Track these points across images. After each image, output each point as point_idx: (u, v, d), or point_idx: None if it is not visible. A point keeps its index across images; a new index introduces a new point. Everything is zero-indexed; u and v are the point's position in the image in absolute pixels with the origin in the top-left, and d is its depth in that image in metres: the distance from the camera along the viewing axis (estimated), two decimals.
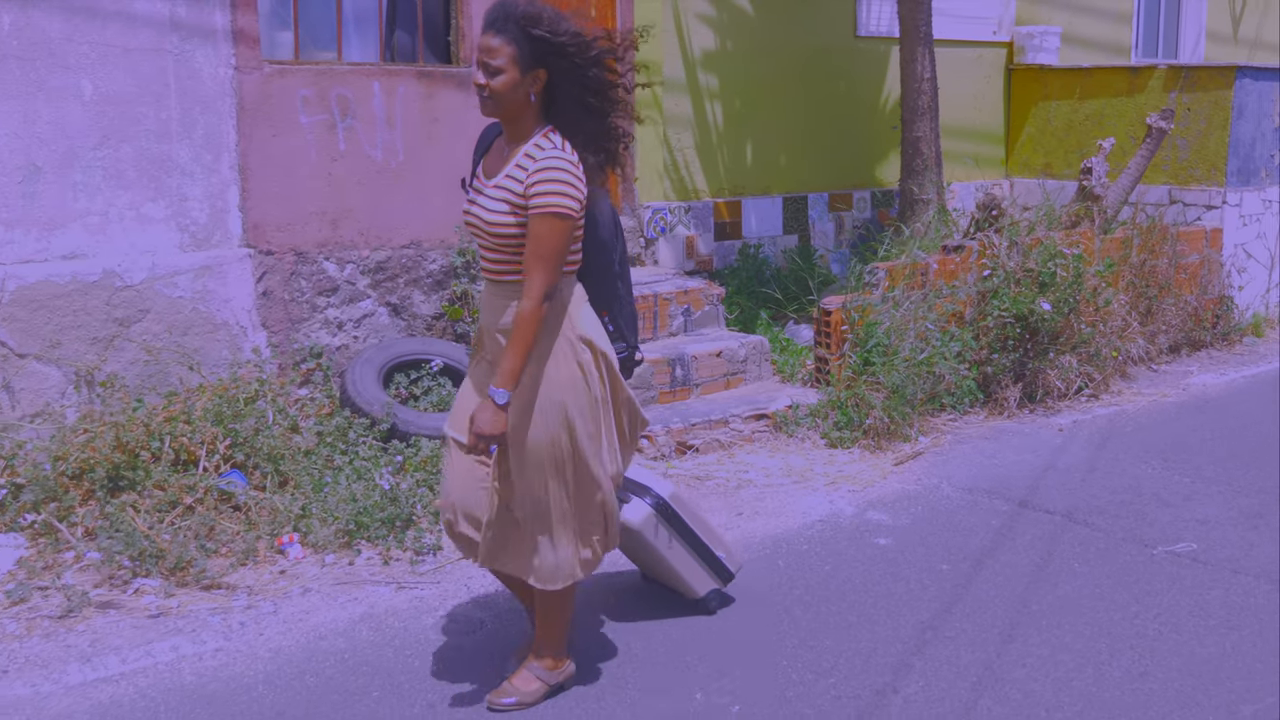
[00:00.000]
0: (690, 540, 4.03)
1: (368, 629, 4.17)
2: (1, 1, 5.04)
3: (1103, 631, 4.14)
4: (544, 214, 3.10)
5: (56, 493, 4.80)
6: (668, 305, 6.57)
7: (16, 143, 5.16)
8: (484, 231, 3.22)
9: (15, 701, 3.69)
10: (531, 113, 3.20)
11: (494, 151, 3.33)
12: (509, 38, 3.08)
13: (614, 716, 3.58)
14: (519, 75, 3.11)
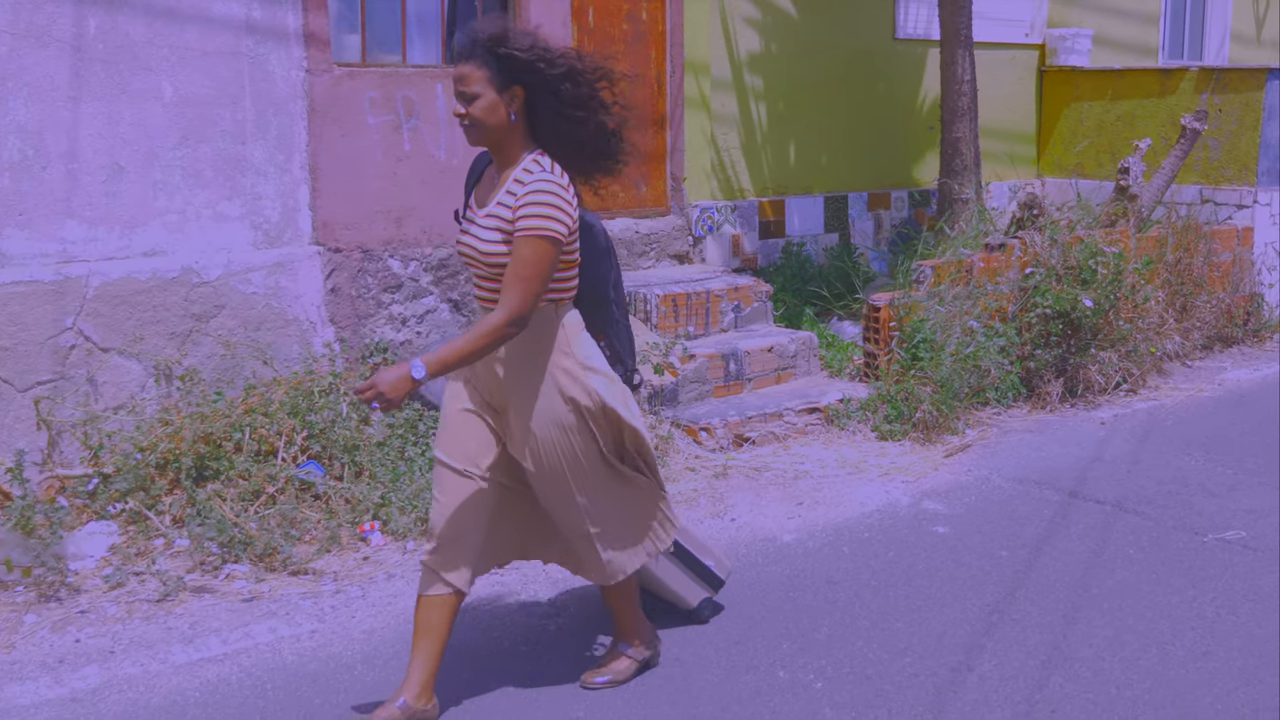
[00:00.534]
0: (678, 552, 4.01)
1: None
2: (88, 5, 5.21)
3: (1163, 614, 4.30)
4: (529, 236, 3.09)
5: (144, 482, 4.97)
6: (719, 302, 6.74)
7: (101, 143, 5.33)
8: (479, 262, 3.22)
9: (127, 679, 3.87)
10: (517, 135, 3.21)
11: (485, 181, 3.35)
12: (479, 62, 3.11)
13: (702, 693, 3.75)
14: (496, 96, 3.12)
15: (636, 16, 7.12)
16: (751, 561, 4.79)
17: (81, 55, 5.24)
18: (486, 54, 3.10)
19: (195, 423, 5.12)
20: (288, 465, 5.13)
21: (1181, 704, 3.66)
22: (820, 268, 7.95)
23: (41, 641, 4.14)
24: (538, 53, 3.14)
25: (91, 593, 4.50)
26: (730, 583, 4.36)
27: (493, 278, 3.19)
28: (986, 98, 8.54)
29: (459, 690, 3.70)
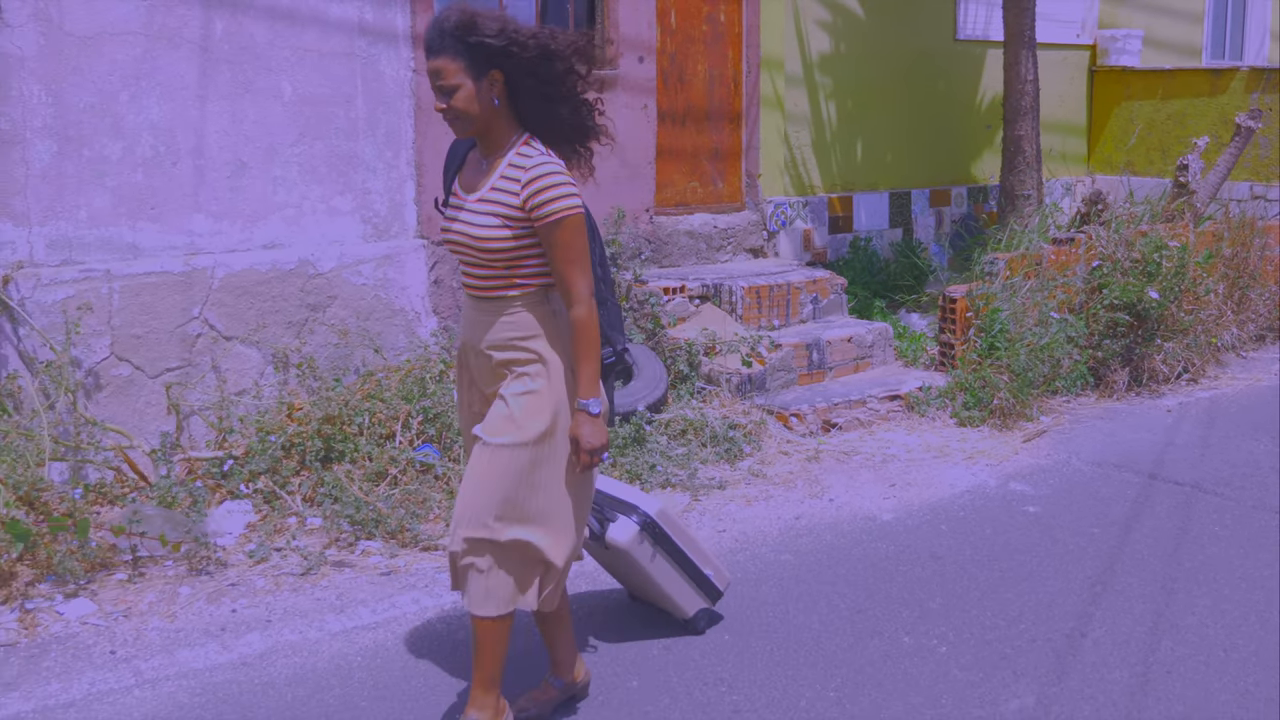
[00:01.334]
0: (678, 559, 3.93)
1: (583, 584, 4.57)
2: (215, 9, 5.47)
3: (1256, 585, 4.54)
4: (559, 220, 3.03)
5: (275, 463, 5.23)
6: (799, 294, 6.98)
7: (226, 140, 5.59)
8: (471, 248, 3.12)
9: (289, 645, 4.11)
10: (502, 119, 3.12)
11: (470, 166, 3.25)
12: (450, 54, 3.03)
13: (836, 656, 3.99)
14: (474, 85, 3.04)
15: (715, 18, 7.37)
16: (855, 539, 5.03)
17: (209, 56, 5.49)
18: (457, 44, 3.02)
19: (318, 407, 5.37)
20: (406, 448, 5.38)
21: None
22: (886, 262, 8.19)
23: (200, 611, 4.38)
24: (509, 36, 3.04)
25: (238, 567, 4.75)
26: (839, 556, 4.60)
27: (486, 264, 3.13)
28: (1041, 97, 8.76)
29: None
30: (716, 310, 6.72)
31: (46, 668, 3.94)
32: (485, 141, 3.15)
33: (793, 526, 5.15)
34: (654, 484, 5.50)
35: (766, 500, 5.45)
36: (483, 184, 3.12)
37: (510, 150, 3.11)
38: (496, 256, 3.09)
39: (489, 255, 3.09)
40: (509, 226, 3.06)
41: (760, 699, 3.72)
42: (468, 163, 3.25)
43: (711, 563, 4.04)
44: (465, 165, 3.26)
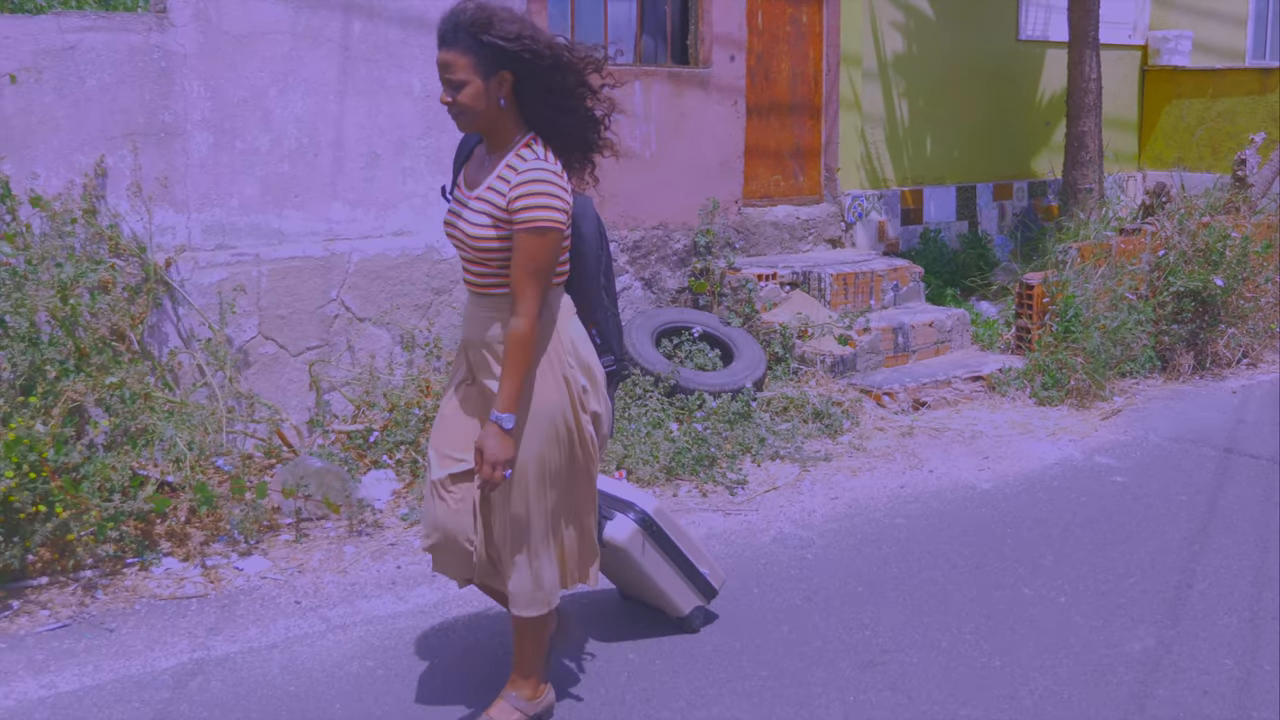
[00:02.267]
0: (675, 556, 3.90)
1: (719, 545, 4.94)
2: (355, 9, 5.85)
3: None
4: (531, 228, 2.96)
5: (416, 434, 5.60)
6: (880, 281, 7.35)
7: (361, 133, 5.96)
8: (466, 245, 3.08)
9: (460, 597, 4.44)
10: (508, 119, 3.06)
11: (475, 160, 3.20)
12: (462, 48, 2.97)
13: (964, 606, 4.36)
14: (482, 83, 2.98)
15: (798, 19, 7.74)
16: (960, 505, 5.40)
17: (348, 54, 5.87)
18: (470, 39, 2.96)
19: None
20: None
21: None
22: (954, 252, 8.56)
23: (368, 568, 4.76)
24: (524, 43, 2.98)
25: (393, 529, 5.12)
26: (948, 521, 4.96)
27: (480, 261, 3.08)
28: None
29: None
30: (806, 296, 7.09)
31: (240, 616, 4.32)
32: (490, 139, 3.11)
33: (899, 494, 5.52)
34: (764, 456, 5.87)
35: (870, 471, 5.81)
36: (482, 181, 3.08)
37: (511, 151, 3.05)
38: (487, 255, 3.04)
39: (481, 254, 3.05)
40: (498, 227, 3.01)
41: (904, 640, 4.09)
42: (474, 156, 3.20)
43: (707, 561, 3.98)
44: (472, 159, 3.21)
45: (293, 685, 3.77)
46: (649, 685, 3.72)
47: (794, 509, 5.33)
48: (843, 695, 3.73)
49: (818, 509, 5.33)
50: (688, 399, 6.12)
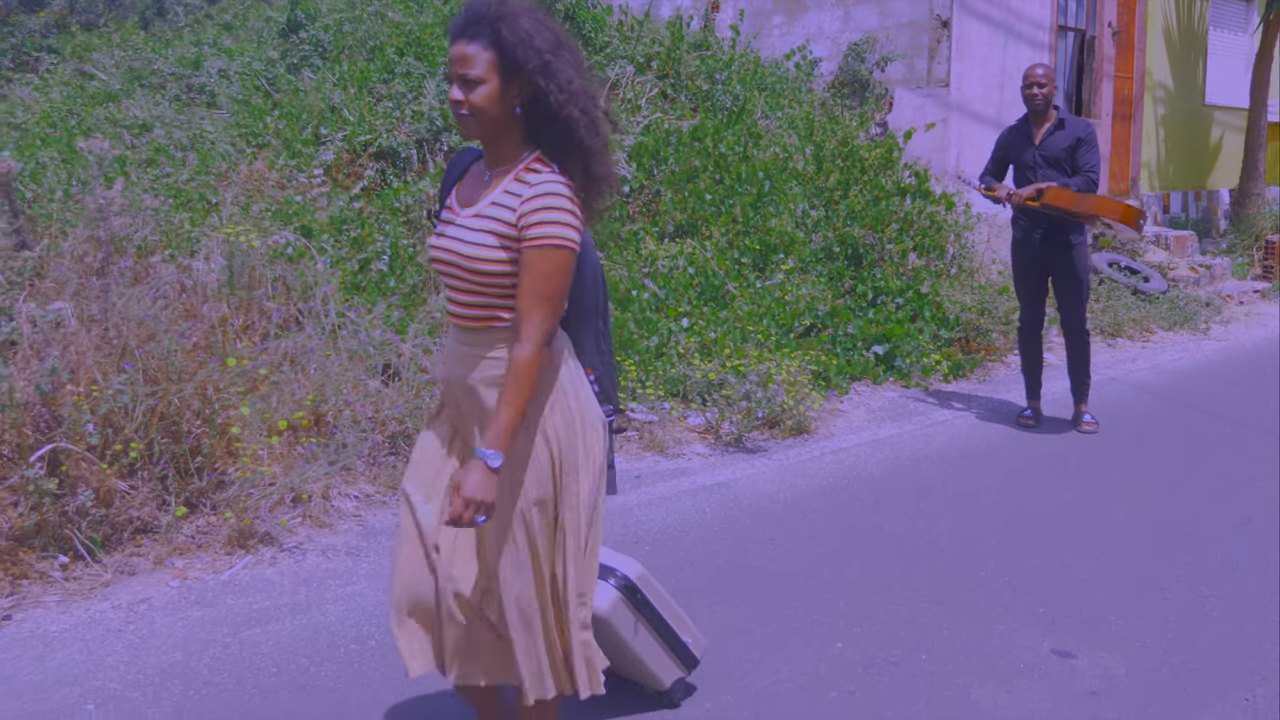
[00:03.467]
0: (658, 625, 3.53)
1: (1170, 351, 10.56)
2: None
3: None
4: (545, 246, 2.60)
5: None
6: (1184, 242, 13.13)
7: None
8: (461, 268, 2.69)
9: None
10: (516, 131, 2.71)
11: (471, 178, 2.83)
12: (486, 42, 2.61)
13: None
14: (501, 85, 2.64)
15: (1124, 104, 13.50)
16: (1277, 340, 11.11)
17: None
18: (495, 35, 2.61)
19: None
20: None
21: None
22: (1194, 222, 14.45)
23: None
24: (554, 44, 2.66)
25: None
26: (1263, 340, 10.65)
27: (476, 289, 2.70)
28: (1230, 139, 15.09)
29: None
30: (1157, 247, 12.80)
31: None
32: (493, 151, 2.75)
33: (1266, 339, 11.15)
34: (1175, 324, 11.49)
35: (1239, 328, 11.53)
36: (482, 198, 2.73)
37: (519, 165, 2.72)
38: (489, 281, 2.68)
39: (480, 279, 2.68)
40: (506, 249, 2.65)
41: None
42: (469, 175, 2.85)
43: (689, 628, 3.66)
44: (466, 177, 2.86)
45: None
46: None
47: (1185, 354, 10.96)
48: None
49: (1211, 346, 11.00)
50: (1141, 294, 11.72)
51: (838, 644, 4.23)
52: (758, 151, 9.27)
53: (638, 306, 7.33)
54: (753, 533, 5.38)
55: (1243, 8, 16.02)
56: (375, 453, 5.67)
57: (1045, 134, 7.07)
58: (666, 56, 10.94)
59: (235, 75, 9.86)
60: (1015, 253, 7.32)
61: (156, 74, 10.06)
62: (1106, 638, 4.29)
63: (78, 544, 4.60)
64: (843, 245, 8.86)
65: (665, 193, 8.61)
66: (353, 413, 5.45)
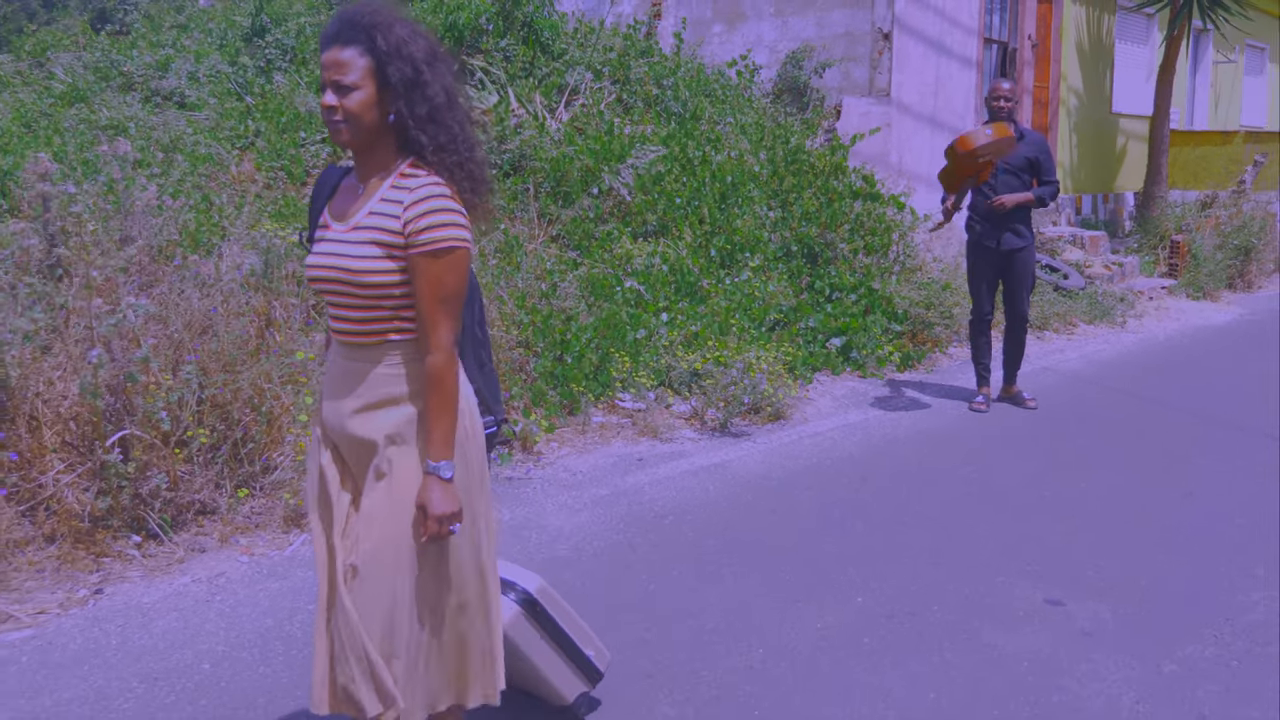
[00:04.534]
0: (560, 639, 3.45)
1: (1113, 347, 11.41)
2: None
3: None
4: (438, 249, 2.54)
5: None
6: (1098, 241, 14.00)
7: None
8: (347, 283, 2.60)
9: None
10: (390, 139, 2.65)
11: (343, 193, 2.74)
12: (361, 49, 2.57)
13: (1225, 361, 11.03)
14: (376, 91, 2.59)
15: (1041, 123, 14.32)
16: (1211, 327, 12.00)
17: None
18: (370, 41, 2.58)
19: None
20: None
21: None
22: (1102, 224, 15.34)
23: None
24: (424, 54, 2.64)
25: None
26: (1209, 333, 11.60)
27: (364, 304, 2.61)
28: (1134, 145, 16.10)
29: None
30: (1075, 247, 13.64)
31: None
32: (365, 160, 2.68)
33: (1174, 334, 12.05)
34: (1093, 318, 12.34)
35: (1141, 321, 12.41)
36: (358, 210, 2.65)
37: (394, 173, 2.65)
38: (377, 294, 2.59)
39: (368, 293, 2.59)
40: (394, 258, 2.57)
41: (1218, 354, 10.66)
42: (340, 191, 2.77)
43: (593, 641, 3.57)
44: (338, 193, 2.77)
45: None
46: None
47: (1107, 345, 11.82)
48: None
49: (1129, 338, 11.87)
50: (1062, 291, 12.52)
51: (858, 599, 4.75)
52: (716, 155, 9.78)
53: (622, 301, 7.79)
54: (755, 507, 5.88)
55: (1144, 22, 17.05)
56: None
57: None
58: (618, 63, 11.41)
59: (204, 78, 10.07)
60: (973, 254, 7.94)
61: (123, 75, 10.22)
62: (1090, 588, 4.88)
63: (152, 524, 4.91)
64: (800, 245, 9.43)
65: (636, 195, 9.07)
66: None
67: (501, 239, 8.01)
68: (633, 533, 5.46)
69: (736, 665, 4.13)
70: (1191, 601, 4.77)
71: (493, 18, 10.87)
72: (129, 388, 4.83)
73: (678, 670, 4.07)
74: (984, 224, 7.83)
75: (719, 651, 4.22)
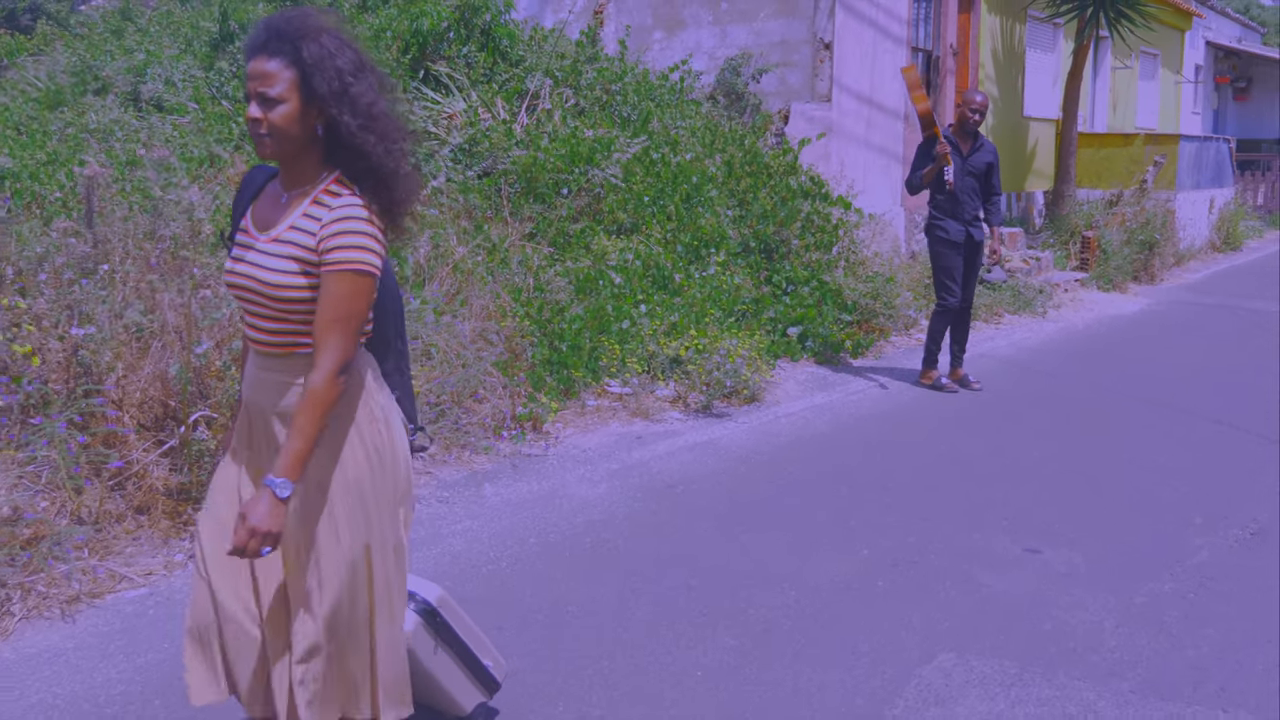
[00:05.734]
0: (459, 650, 3.43)
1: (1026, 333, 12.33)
2: None
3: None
4: (344, 271, 2.55)
5: None
6: (1015, 238, 14.95)
7: None
8: (261, 295, 2.63)
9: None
10: (315, 152, 2.65)
11: (267, 199, 2.74)
12: (287, 61, 2.55)
13: (1144, 344, 12.01)
14: (302, 105, 2.57)
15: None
16: (1122, 318, 12.99)
17: None
18: (296, 53, 2.55)
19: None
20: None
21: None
22: (1019, 222, 16.32)
23: None
24: (352, 66, 2.61)
25: None
26: (1125, 321, 12.62)
27: (279, 316, 2.63)
28: (1043, 146, 17.15)
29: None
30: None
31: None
32: (290, 171, 2.68)
33: (1091, 322, 13.03)
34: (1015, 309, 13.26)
35: (1069, 311, 13.37)
36: (280, 222, 2.66)
37: (318, 187, 2.66)
38: (291, 308, 2.61)
39: (283, 306, 2.62)
40: (308, 274, 2.59)
41: (1134, 340, 11.64)
42: (264, 195, 2.76)
43: (490, 652, 3.56)
44: (261, 197, 2.77)
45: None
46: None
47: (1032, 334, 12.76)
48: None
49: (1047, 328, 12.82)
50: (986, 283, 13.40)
51: (863, 551, 5.42)
52: (674, 156, 10.41)
53: (606, 294, 8.38)
54: (750, 478, 6.52)
55: (1052, 31, 18.12)
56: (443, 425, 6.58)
57: (971, 150, 8.53)
58: (570, 69, 11.96)
59: (180, 82, 10.41)
60: (944, 249, 8.71)
61: (101, 80, 10.50)
62: (1061, 539, 5.62)
63: None
64: (757, 241, 10.11)
65: (606, 194, 9.66)
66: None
67: (482, 238, 8.51)
68: (650, 500, 6.06)
69: (776, 604, 4.77)
70: (1148, 548, 5.54)
71: (454, 25, 11.35)
72: (206, 372, 5.29)
73: (728, 608, 4.70)
74: (950, 220, 8.58)
75: (758, 594, 4.85)
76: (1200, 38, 27.73)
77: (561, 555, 5.26)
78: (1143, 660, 4.33)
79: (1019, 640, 4.48)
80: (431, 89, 11.09)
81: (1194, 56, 27.22)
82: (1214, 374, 9.82)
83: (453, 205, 8.92)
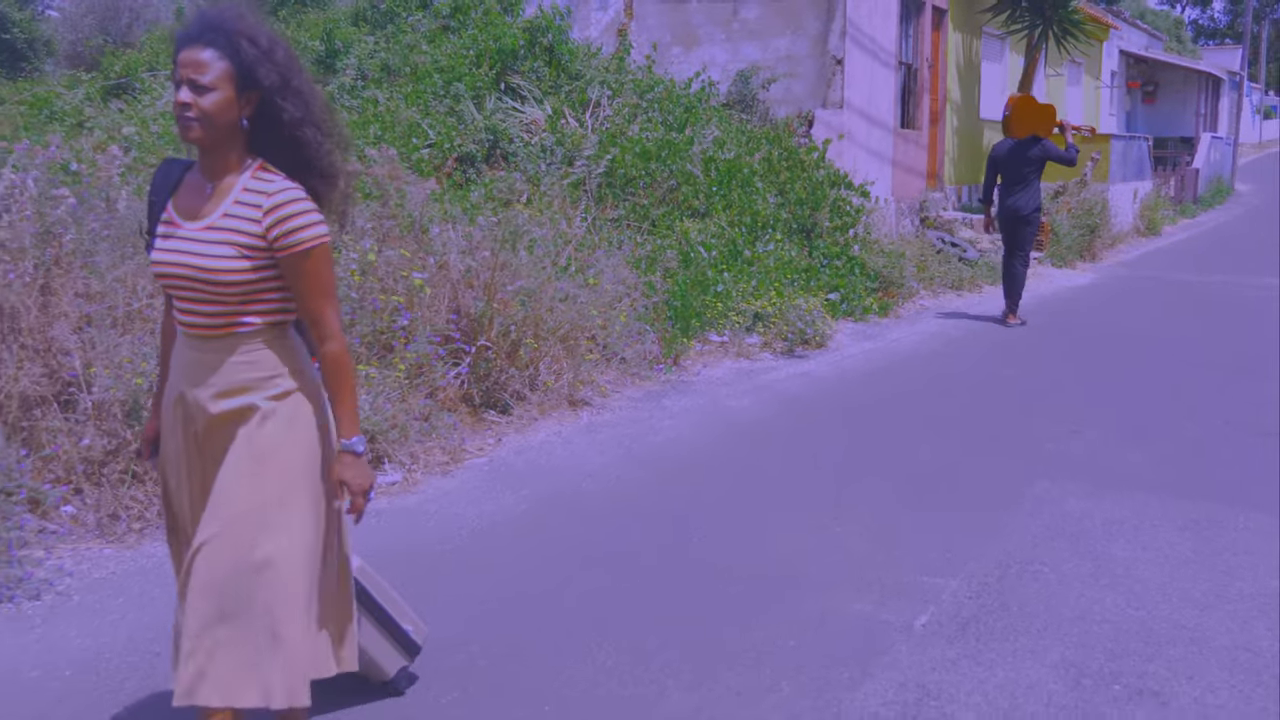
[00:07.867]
0: (379, 616, 3.57)
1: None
2: None
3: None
4: (309, 249, 2.73)
5: None
6: (978, 223, 17.40)
7: None
8: (198, 281, 2.73)
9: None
10: (240, 140, 2.77)
11: (188, 190, 2.83)
12: (220, 51, 2.66)
13: (1092, 314, 14.51)
14: (233, 94, 2.68)
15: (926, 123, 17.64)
16: (1078, 289, 15.42)
17: None
18: (230, 45, 2.67)
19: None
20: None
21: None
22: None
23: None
24: (288, 57, 2.76)
25: None
26: (1086, 292, 15.10)
27: (216, 299, 2.74)
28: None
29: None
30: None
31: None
32: (213, 160, 2.77)
33: (1057, 290, 15.42)
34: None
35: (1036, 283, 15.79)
36: (210, 210, 2.76)
37: (244, 174, 2.78)
38: (230, 290, 2.73)
39: (220, 289, 2.73)
40: (248, 258, 2.72)
41: (1099, 309, 14.12)
42: (184, 186, 2.85)
43: (410, 616, 3.67)
44: (181, 189, 2.85)
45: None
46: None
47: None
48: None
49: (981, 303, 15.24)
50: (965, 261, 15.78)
51: (956, 432, 7.63)
52: (724, 154, 12.59)
53: (703, 264, 10.52)
54: (847, 394, 8.71)
55: (999, 44, 20.66)
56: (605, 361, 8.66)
57: (1026, 146, 10.97)
58: (614, 83, 14.06)
59: None
60: (1001, 218, 11.37)
61: None
62: (1091, 424, 7.88)
63: (506, 400, 7.43)
64: (796, 222, 12.32)
65: (681, 185, 11.80)
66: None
67: (591, 221, 10.56)
68: (788, 407, 8.21)
69: (918, 459, 6.96)
70: (1152, 427, 7.83)
71: (526, 45, 13.39)
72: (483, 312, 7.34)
73: (883, 463, 6.87)
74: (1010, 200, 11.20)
75: (901, 455, 7.03)
76: (1115, 47, 30.66)
77: (743, 437, 7.39)
78: (1169, 482, 6.58)
79: (1083, 471, 6.72)
80: (510, 99, 13.11)
81: (1110, 64, 30.13)
82: (1154, 322, 12.25)
83: (552, 198, 10.96)
